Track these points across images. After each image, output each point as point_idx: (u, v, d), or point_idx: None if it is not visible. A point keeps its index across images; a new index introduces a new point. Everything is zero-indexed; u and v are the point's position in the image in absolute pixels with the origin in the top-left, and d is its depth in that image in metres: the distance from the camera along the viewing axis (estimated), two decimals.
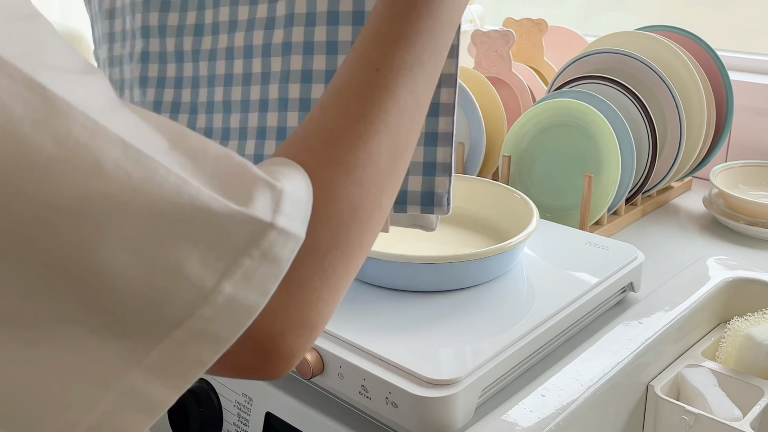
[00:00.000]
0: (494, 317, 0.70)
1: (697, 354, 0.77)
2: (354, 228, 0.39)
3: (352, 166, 0.39)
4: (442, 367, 0.61)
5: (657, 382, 0.73)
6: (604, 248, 0.82)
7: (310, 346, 0.38)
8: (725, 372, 0.73)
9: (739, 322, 0.77)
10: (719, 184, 1.04)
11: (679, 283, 0.82)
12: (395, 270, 0.73)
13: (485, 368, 0.62)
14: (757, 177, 1.09)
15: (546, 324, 0.69)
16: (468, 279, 0.75)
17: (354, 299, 0.73)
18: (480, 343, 0.65)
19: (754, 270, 0.85)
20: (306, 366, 0.66)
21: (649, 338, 0.72)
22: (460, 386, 0.60)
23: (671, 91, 1.01)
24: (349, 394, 0.65)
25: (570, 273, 0.78)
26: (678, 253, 0.94)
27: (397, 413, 0.61)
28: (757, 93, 1.16)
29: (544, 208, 1.01)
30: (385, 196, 0.41)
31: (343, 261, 0.38)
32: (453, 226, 0.89)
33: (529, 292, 0.76)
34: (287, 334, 0.36)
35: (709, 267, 0.86)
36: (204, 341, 0.31)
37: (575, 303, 0.72)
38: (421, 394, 0.59)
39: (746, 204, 0.99)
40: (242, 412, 0.75)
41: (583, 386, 0.65)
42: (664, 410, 0.71)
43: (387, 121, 0.40)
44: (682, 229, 1.02)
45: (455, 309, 0.71)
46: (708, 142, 1.08)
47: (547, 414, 0.62)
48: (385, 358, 0.63)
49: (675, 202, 1.12)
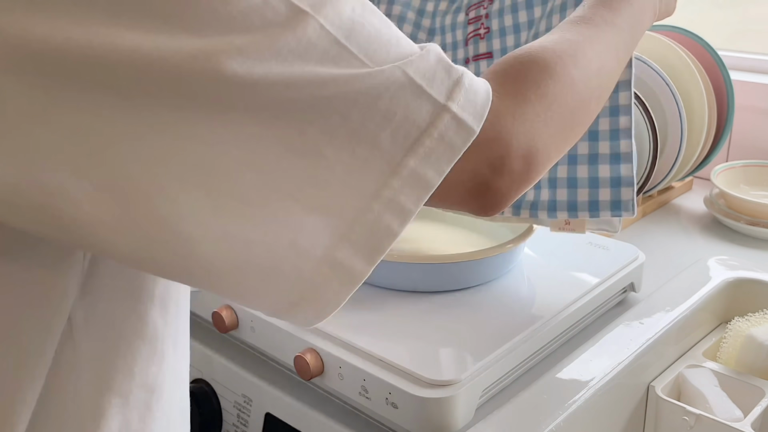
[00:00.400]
0: (494, 317, 0.70)
1: (698, 354, 0.77)
2: (573, 99, 0.47)
3: (571, 64, 0.47)
4: (442, 368, 0.61)
5: (658, 383, 0.73)
6: (604, 248, 0.82)
7: (524, 185, 0.43)
8: (726, 372, 0.73)
9: (740, 322, 0.77)
10: (720, 184, 1.03)
11: (679, 284, 0.82)
12: (395, 270, 0.73)
13: (485, 369, 0.62)
14: (758, 177, 1.09)
15: (546, 324, 0.69)
16: (468, 279, 0.74)
17: (354, 299, 0.73)
18: (480, 344, 0.65)
19: (755, 270, 0.84)
20: (306, 366, 0.66)
21: (650, 338, 0.72)
22: (461, 387, 0.60)
23: (672, 91, 1.01)
24: (349, 395, 0.65)
25: (570, 273, 0.78)
26: (679, 254, 0.94)
27: (397, 414, 0.61)
28: (758, 93, 1.16)
29: None
30: (593, 101, 0.50)
31: (560, 119, 0.45)
32: (453, 226, 0.89)
33: (530, 292, 0.75)
34: (507, 162, 0.41)
35: (710, 267, 0.86)
36: (393, 212, 0.37)
37: (576, 303, 0.72)
38: (421, 395, 0.59)
39: (747, 204, 0.99)
40: (242, 413, 0.75)
41: (584, 387, 0.65)
42: (665, 411, 0.71)
43: (595, 48, 0.51)
44: (683, 230, 1.02)
45: (455, 309, 0.71)
46: (709, 141, 1.07)
47: (547, 414, 0.62)
48: (385, 358, 0.62)
49: (676, 202, 1.12)
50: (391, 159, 0.36)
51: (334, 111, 0.34)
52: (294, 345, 0.68)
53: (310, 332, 0.68)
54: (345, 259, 0.37)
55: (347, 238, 0.37)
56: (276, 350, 0.71)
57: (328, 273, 0.37)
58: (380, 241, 0.38)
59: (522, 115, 0.42)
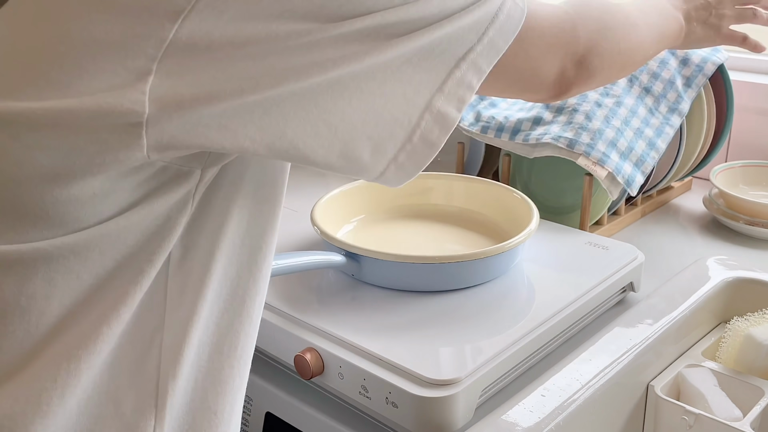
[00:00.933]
0: (494, 317, 0.70)
1: (698, 354, 0.77)
2: (619, 32, 0.61)
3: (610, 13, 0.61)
4: (442, 367, 0.61)
5: (657, 382, 0.73)
6: (604, 248, 0.82)
7: (582, 83, 0.57)
8: (725, 372, 0.73)
9: (739, 322, 0.77)
10: (719, 184, 1.04)
11: (679, 283, 0.82)
12: (395, 270, 0.73)
13: (485, 368, 0.62)
14: (757, 177, 1.09)
15: (546, 324, 0.69)
16: (468, 279, 0.75)
17: (354, 299, 0.73)
18: (480, 343, 0.65)
19: (754, 270, 0.85)
20: (306, 366, 0.66)
21: (649, 338, 0.72)
22: (460, 386, 0.60)
23: None
24: (349, 394, 0.65)
25: (570, 273, 0.78)
26: (678, 253, 0.94)
27: (397, 413, 0.61)
28: (757, 93, 1.16)
29: (544, 208, 1.00)
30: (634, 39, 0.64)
31: (611, 36, 0.60)
32: (453, 226, 0.89)
33: (529, 292, 0.76)
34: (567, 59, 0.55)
35: (709, 267, 0.86)
36: (474, 70, 0.46)
37: (575, 303, 0.72)
38: (421, 394, 0.59)
39: (746, 204, 0.99)
40: (242, 412, 0.75)
41: (583, 386, 0.65)
42: (665, 410, 0.71)
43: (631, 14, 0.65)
44: (683, 229, 1.02)
45: (455, 309, 0.71)
46: (708, 141, 1.07)
47: (547, 414, 0.62)
48: (385, 358, 0.63)
49: (675, 202, 1.12)
50: (480, 29, 0.46)
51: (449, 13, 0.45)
52: (294, 344, 0.68)
53: (310, 332, 0.68)
54: (441, 106, 0.45)
55: (441, 90, 0.45)
56: (276, 350, 0.71)
57: (429, 119, 0.45)
58: (465, 93, 0.46)
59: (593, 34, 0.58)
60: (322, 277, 0.77)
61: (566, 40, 0.56)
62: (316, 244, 0.84)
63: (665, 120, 0.97)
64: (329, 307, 0.72)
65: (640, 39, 0.66)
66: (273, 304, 0.72)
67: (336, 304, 0.73)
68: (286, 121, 0.42)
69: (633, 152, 0.93)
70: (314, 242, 0.84)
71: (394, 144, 0.45)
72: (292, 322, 0.70)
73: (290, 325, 0.70)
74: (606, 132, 0.91)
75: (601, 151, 0.90)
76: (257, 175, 0.49)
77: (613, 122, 0.92)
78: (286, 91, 0.41)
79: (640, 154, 0.93)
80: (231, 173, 0.47)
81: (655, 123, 0.96)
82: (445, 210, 0.92)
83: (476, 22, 0.46)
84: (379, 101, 0.44)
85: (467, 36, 0.46)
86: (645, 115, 0.96)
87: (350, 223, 0.88)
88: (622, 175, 0.90)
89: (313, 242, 0.84)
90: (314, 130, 0.43)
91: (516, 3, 0.49)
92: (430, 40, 0.44)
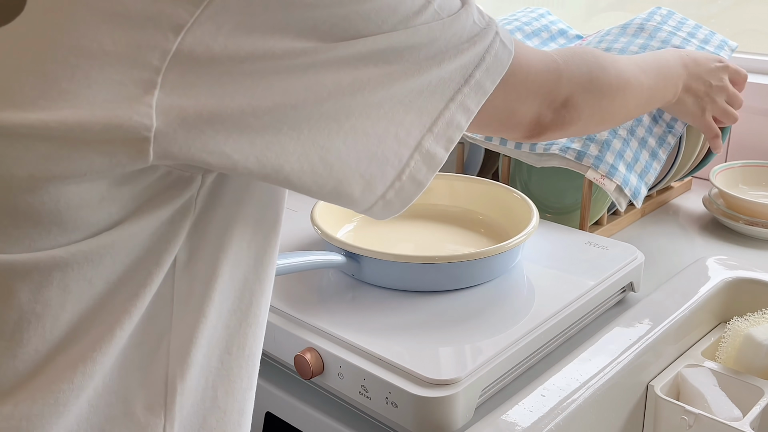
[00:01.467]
0: (494, 317, 0.70)
1: (697, 354, 0.77)
2: (610, 93, 0.65)
3: (614, 74, 0.65)
4: (441, 367, 0.61)
5: (657, 382, 0.73)
6: (604, 248, 0.82)
7: (557, 130, 0.60)
8: (725, 372, 0.73)
9: (738, 322, 0.77)
10: (719, 184, 1.04)
11: (679, 283, 0.82)
12: (395, 270, 0.73)
13: (485, 368, 0.62)
14: (757, 177, 1.09)
15: (546, 324, 0.69)
16: (468, 279, 0.75)
17: (354, 299, 0.73)
18: (480, 343, 0.65)
19: (753, 270, 0.85)
20: (306, 366, 0.66)
21: (649, 338, 0.72)
22: (460, 386, 0.60)
23: None
24: (349, 394, 0.65)
25: (570, 273, 0.78)
26: (678, 253, 0.94)
27: (397, 413, 0.61)
28: (757, 93, 1.16)
29: (544, 208, 1.01)
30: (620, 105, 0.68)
31: (600, 106, 0.64)
32: (453, 226, 0.89)
33: (529, 292, 0.76)
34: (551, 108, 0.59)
35: (708, 267, 0.86)
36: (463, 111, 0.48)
37: (575, 303, 0.72)
38: (421, 394, 0.59)
39: (746, 204, 0.99)
40: None
41: (583, 386, 0.65)
42: (664, 410, 0.71)
43: (633, 77, 0.69)
44: (682, 229, 1.02)
45: (455, 309, 0.71)
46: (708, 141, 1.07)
47: (546, 414, 0.62)
48: (385, 358, 0.63)
49: (675, 202, 1.12)
50: (466, 71, 0.48)
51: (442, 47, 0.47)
52: (294, 344, 0.68)
53: (310, 332, 0.68)
54: (430, 147, 0.47)
55: (431, 131, 0.47)
56: (276, 350, 0.71)
57: (418, 158, 0.47)
58: (453, 133, 0.48)
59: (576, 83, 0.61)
60: (322, 277, 0.78)
61: (549, 88, 0.58)
62: (316, 244, 0.84)
63: (668, 128, 0.97)
64: (329, 307, 0.72)
65: (626, 100, 0.68)
66: (273, 304, 0.72)
67: (336, 304, 0.73)
68: (286, 156, 0.42)
69: (638, 163, 0.93)
70: (314, 242, 0.84)
71: (384, 182, 0.46)
72: (292, 322, 0.70)
73: (290, 325, 0.70)
74: (613, 143, 0.91)
75: (609, 163, 0.90)
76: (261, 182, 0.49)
77: (620, 132, 0.92)
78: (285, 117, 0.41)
79: (644, 165, 0.94)
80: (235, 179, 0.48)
81: (658, 132, 0.96)
82: (445, 210, 0.92)
83: (464, 65, 0.47)
84: (373, 141, 0.45)
85: (454, 77, 0.47)
86: (649, 123, 0.96)
87: (350, 223, 0.88)
88: (629, 188, 0.91)
89: (313, 242, 0.84)
90: (311, 168, 0.43)
91: (505, 45, 0.50)
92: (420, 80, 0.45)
